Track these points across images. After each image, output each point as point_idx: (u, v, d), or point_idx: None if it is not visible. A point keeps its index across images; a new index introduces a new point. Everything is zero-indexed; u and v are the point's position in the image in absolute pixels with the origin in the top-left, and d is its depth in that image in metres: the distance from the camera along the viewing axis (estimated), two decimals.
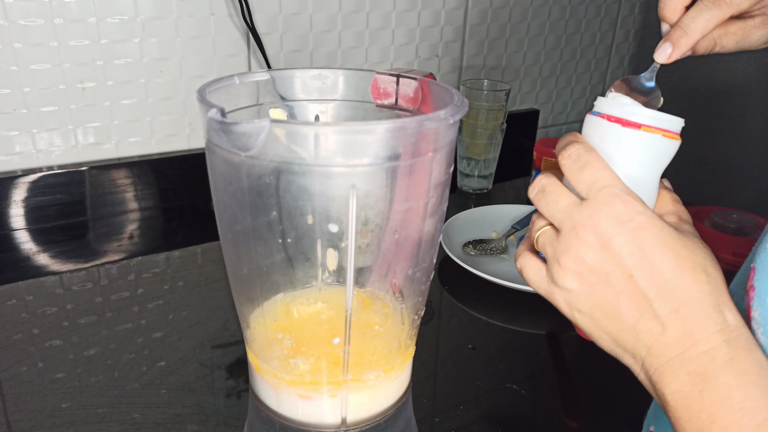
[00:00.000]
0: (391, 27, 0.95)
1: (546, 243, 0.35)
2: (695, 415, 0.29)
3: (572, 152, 0.34)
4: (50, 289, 0.64)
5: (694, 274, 0.31)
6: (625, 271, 0.31)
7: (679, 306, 0.30)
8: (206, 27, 0.81)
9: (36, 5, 0.71)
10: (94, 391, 0.50)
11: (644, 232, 0.31)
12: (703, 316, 0.30)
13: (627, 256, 0.31)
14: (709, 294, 0.30)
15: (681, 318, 0.30)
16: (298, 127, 0.32)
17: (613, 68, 1.28)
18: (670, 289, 0.31)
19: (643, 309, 0.31)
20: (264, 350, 0.38)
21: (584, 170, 0.33)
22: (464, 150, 0.94)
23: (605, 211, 0.32)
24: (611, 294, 0.32)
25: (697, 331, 0.30)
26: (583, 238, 0.32)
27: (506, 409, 0.51)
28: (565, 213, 0.33)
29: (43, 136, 0.76)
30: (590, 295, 0.33)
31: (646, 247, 0.31)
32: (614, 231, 0.31)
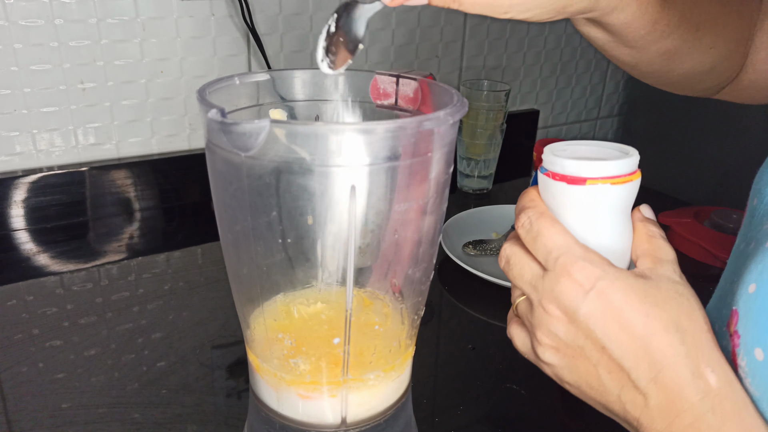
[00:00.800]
0: (390, 27, 0.96)
1: (524, 315, 0.34)
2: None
3: (524, 221, 0.33)
4: (51, 290, 0.64)
5: (667, 336, 0.29)
6: (596, 343, 0.30)
7: (656, 375, 0.29)
8: (206, 27, 0.81)
9: (36, 6, 0.71)
10: (95, 391, 0.50)
11: (607, 297, 0.30)
12: (682, 382, 0.28)
13: (594, 327, 0.30)
14: (686, 356, 0.29)
15: (661, 387, 0.29)
16: (298, 127, 0.32)
17: (613, 68, 1.28)
18: (644, 357, 0.29)
19: (622, 380, 0.30)
20: (264, 350, 0.38)
21: (537, 240, 0.32)
22: (464, 150, 0.94)
23: (564, 283, 0.31)
24: (590, 366, 0.31)
25: (678, 401, 0.28)
26: (551, 313, 0.31)
27: (506, 409, 0.51)
28: (531, 286, 0.33)
29: (43, 136, 0.76)
30: (572, 369, 0.32)
31: (612, 315, 0.30)
32: (577, 303, 0.30)
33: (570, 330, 0.31)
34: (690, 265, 0.76)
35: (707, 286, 0.76)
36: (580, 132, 1.30)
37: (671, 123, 1.13)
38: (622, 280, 0.30)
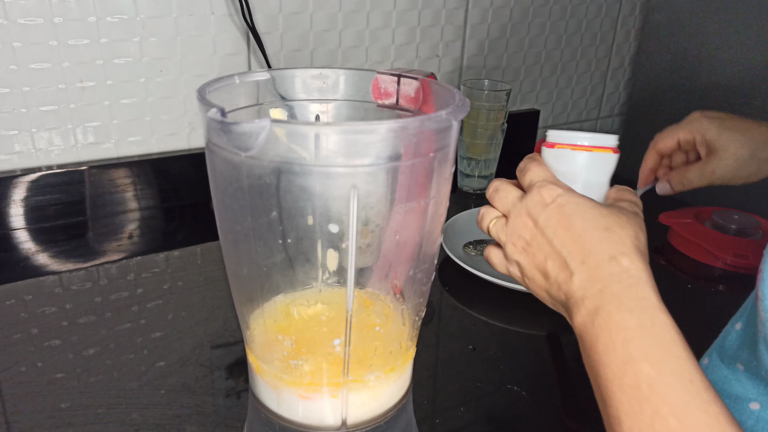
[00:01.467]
0: (391, 26, 0.95)
1: (499, 231, 0.44)
2: (588, 338, 0.36)
3: (521, 165, 0.45)
4: (49, 289, 0.64)
5: (596, 233, 0.38)
6: (547, 240, 0.40)
7: (584, 258, 0.38)
8: (206, 26, 0.81)
9: (35, 4, 0.70)
10: (94, 391, 0.50)
11: (562, 208, 0.40)
12: (600, 264, 0.37)
13: (547, 227, 0.40)
14: (607, 247, 0.38)
15: (585, 267, 0.38)
16: (299, 127, 0.32)
17: (614, 68, 1.27)
18: (578, 247, 0.39)
19: (561, 265, 0.39)
20: (264, 351, 0.38)
21: (525, 173, 0.44)
22: (465, 150, 0.93)
23: (533, 198, 0.41)
24: (542, 258, 0.41)
25: (594, 276, 0.37)
26: (523, 221, 0.42)
27: (507, 410, 0.51)
28: (511, 204, 0.43)
29: (42, 135, 0.76)
30: (531, 263, 0.42)
31: (562, 219, 0.40)
32: (539, 211, 0.41)
33: (534, 232, 0.41)
34: (690, 266, 0.76)
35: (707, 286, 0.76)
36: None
37: (672, 123, 1.13)
38: (576, 198, 0.40)
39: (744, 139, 0.58)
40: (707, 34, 1.10)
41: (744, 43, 1.04)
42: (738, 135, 0.58)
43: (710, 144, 0.60)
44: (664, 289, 0.38)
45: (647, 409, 0.32)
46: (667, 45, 1.18)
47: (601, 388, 0.35)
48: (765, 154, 0.57)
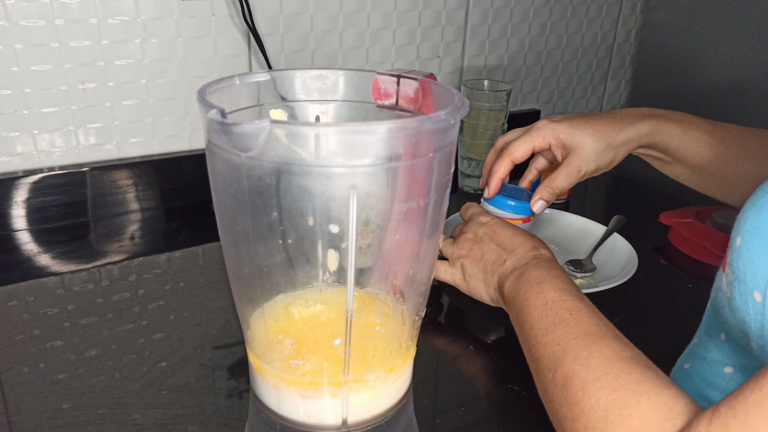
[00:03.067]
0: (392, 27, 0.95)
1: (446, 246, 0.62)
2: (514, 294, 0.50)
3: (463, 207, 0.66)
4: (51, 290, 0.64)
5: (522, 237, 0.56)
6: (484, 242, 0.58)
7: (513, 250, 0.55)
8: (207, 27, 0.81)
9: (37, 6, 0.71)
10: (96, 391, 0.50)
11: (495, 225, 0.59)
12: (525, 251, 0.54)
13: (486, 235, 0.58)
14: (530, 243, 0.55)
15: (514, 255, 0.54)
16: (299, 128, 0.32)
17: (615, 68, 1.27)
18: (510, 244, 0.56)
19: (496, 257, 0.56)
20: (265, 351, 0.38)
21: (467, 210, 0.65)
22: (465, 150, 0.93)
23: (475, 220, 0.61)
24: (480, 254, 0.58)
25: (521, 258, 0.53)
26: (466, 236, 0.60)
27: (507, 410, 0.51)
28: (458, 230, 0.63)
29: (44, 136, 0.76)
30: (472, 261, 0.58)
31: (496, 229, 0.58)
32: (479, 227, 0.60)
33: (474, 240, 0.59)
34: (692, 265, 0.76)
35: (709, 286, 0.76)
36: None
37: None
38: (502, 221, 0.60)
39: (595, 132, 0.61)
40: (707, 33, 1.10)
41: (744, 42, 1.04)
42: (589, 130, 0.62)
43: (566, 144, 0.62)
44: (665, 288, 0.38)
45: (552, 317, 0.44)
46: (668, 45, 1.18)
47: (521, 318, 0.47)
48: (616, 140, 0.61)
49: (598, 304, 0.46)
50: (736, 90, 1.06)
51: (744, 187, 0.61)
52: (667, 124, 0.62)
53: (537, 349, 0.44)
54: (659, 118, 0.62)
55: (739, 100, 1.06)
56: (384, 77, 0.42)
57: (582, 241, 0.77)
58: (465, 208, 0.64)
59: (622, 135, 0.62)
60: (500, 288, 0.53)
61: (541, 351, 0.43)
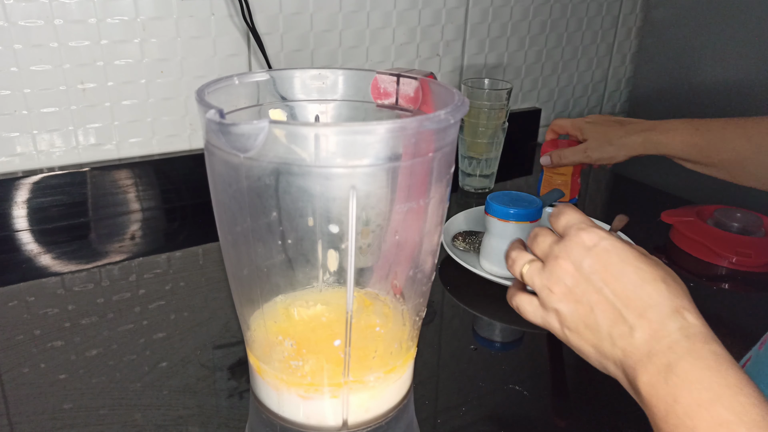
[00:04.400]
0: (391, 26, 0.95)
1: (533, 275, 0.42)
2: (662, 399, 0.34)
3: (554, 210, 0.43)
4: (52, 290, 0.64)
5: (654, 284, 0.37)
6: (595, 287, 0.38)
7: (643, 312, 0.36)
8: (207, 27, 0.81)
9: (36, 6, 0.71)
10: (96, 392, 0.50)
11: (607, 253, 0.38)
12: (664, 318, 0.36)
13: (594, 274, 0.38)
14: (668, 300, 0.36)
15: (646, 321, 0.36)
16: (298, 128, 0.32)
17: (615, 66, 1.27)
18: (635, 298, 0.37)
19: (614, 317, 0.37)
20: (264, 352, 0.38)
21: (560, 217, 0.42)
22: (466, 149, 0.93)
23: (575, 240, 0.40)
24: (588, 308, 0.38)
25: (659, 330, 0.36)
26: (562, 265, 0.40)
27: (508, 410, 0.51)
28: (549, 248, 0.41)
29: (43, 137, 0.76)
30: (573, 313, 0.39)
31: (609, 265, 0.38)
32: (583, 255, 0.39)
33: (575, 277, 0.39)
34: (693, 264, 0.75)
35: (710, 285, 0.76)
36: None
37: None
38: (619, 244, 0.39)
39: (603, 130, 0.80)
40: (708, 32, 1.10)
41: (744, 41, 1.04)
42: (600, 128, 0.81)
43: (583, 132, 0.83)
44: None
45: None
46: (668, 43, 1.18)
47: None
48: (616, 143, 0.78)
49: None
50: (737, 88, 1.06)
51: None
52: (654, 135, 0.75)
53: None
54: (649, 131, 0.76)
55: (740, 98, 1.06)
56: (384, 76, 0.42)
57: None
58: (558, 213, 0.43)
59: (621, 140, 0.78)
60: (628, 374, 0.37)
61: None
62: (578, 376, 0.56)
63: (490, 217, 0.66)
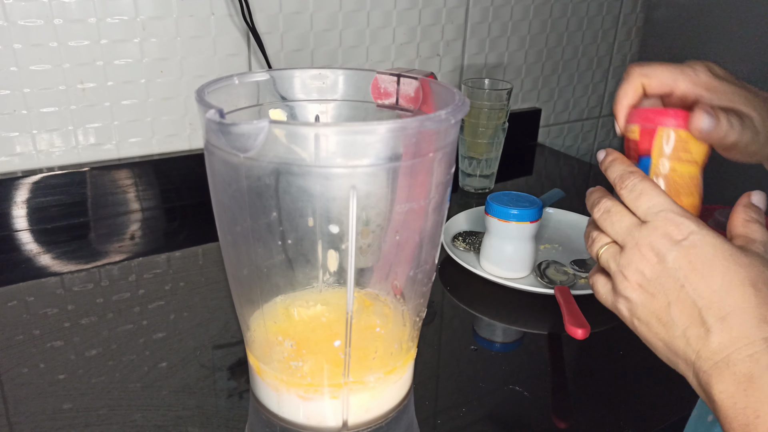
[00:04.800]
0: (392, 26, 0.95)
1: (609, 258, 0.39)
2: (741, 411, 0.32)
3: (629, 183, 0.39)
4: (51, 290, 0.64)
5: (742, 288, 0.34)
6: (677, 283, 0.35)
7: (725, 315, 0.34)
8: (206, 27, 0.81)
9: (36, 6, 0.70)
10: (96, 392, 0.50)
11: (696, 249, 0.35)
12: (747, 325, 0.33)
13: (679, 269, 0.35)
14: (756, 307, 0.33)
15: (727, 326, 0.33)
16: (298, 128, 0.32)
17: (615, 66, 1.27)
18: (718, 300, 0.34)
19: (692, 317, 0.35)
20: (264, 352, 0.38)
21: (641, 197, 0.38)
22: (466, 149, 0.93)
23: (661, 231, 0.36)
24: (665, 303, 0.36)
25: (741, 338, 0.33)
26: (644, 254, 0.37)
27: (508, 411, 0.51)
28: (627, 232, 0.38)
29: (43, 136, 0.76)
30: (647, 305, 0.37)
31: (697, 263, 0.35)
32: (668, 248, 0.36)
33: (656, 270, 0.36)
34: None
35: None
36: (582, 130, 1.30)
37: None
38: (712, 238, 0.35)
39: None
40: (708, 32, 1.10)
41: (745, 41, 1.04)
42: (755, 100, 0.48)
43: (733, 100, 0.46)
44: None
45: None
46: (668, 43, 1.18)
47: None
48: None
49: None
50: None
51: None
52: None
53: None
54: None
55: None
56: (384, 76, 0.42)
57: None
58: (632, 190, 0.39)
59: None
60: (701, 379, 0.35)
61: None
62: (578, 377, 0.56)
63: (491, 217, 0.66)
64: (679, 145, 0.39)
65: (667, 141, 0.40)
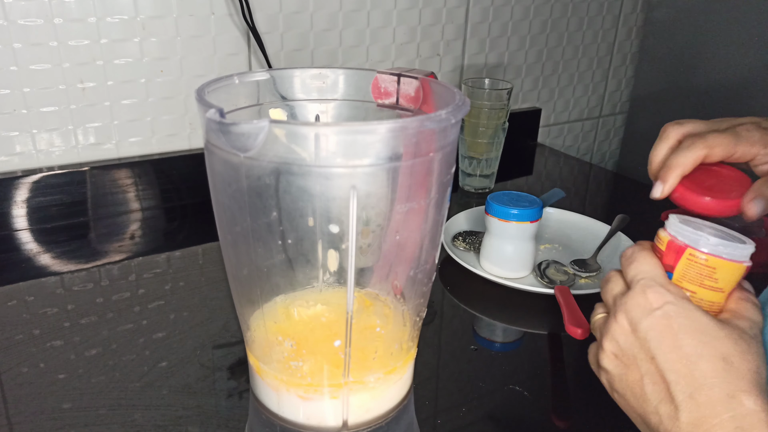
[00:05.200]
0: (392, 25, 0.95)
1: (596, 327, 0.39)
2: None
3: (628, 251, 0.39)
4: (51, 290, 0.64)
5: (713, 362, 0.33)
6: (647, 354, 0.35)
7: (693, 391, 0.33)
8: (206, 26, 0.81)
9: (35, 5, 0.70)
10: (95, 392, 0.50)
11: (669, 319, 0.34)
12: (716, 402, 0.32)
13: (650, 340, 0.34)
14: (725, 381, 0.32)
15: (695, 404, 0.32)
16: (298, 128, 0.32)
17: (616, 66, 1.27)
18: (687, 374, 0.33)
19: (663, 392, 0.34)
20: (264, 352, 0.38)
21: (631, 264, 0.38)
22: (466, 149, 0.93)
23: (637, 299, 0.36)
24: (638, 376, 0.35)
25: (709, 417, 0.32)
26: (619, 322, 0.36)
27: (508, 411, 0.51)
28: (613, 300, 0.38)
29: (43, 136, 0.76)
30: (622, 377, 0.36)
31: (668, 333, 0.34)
32: (641, 317, 0.35)
33: (629, 339, 0.35)
34: None
35: None
36: (582, 130, 1.30)
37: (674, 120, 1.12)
38: (689, 311, 0.34)
39: None
40: (708, 31, 1.10)
41: (745, 41, 1.04)
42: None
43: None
44: None
45: None
46: (669, 43, 1.18)
47: None
48: None
49: None
50: (737, 88, 1.06)
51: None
52: None
53: None
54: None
55: (740, 98, 1.05)
56: (384, 76, 0.42)
57: (586, 240, 0.77)
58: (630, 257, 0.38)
59: None
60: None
61: None
62: (578, 377, 0.56)
63: (491, 217, 0.66)
64: (705, 271, 0.36)
65: (694, 264, 0.36)
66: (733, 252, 0.36)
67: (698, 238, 0.36)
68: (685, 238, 0.36)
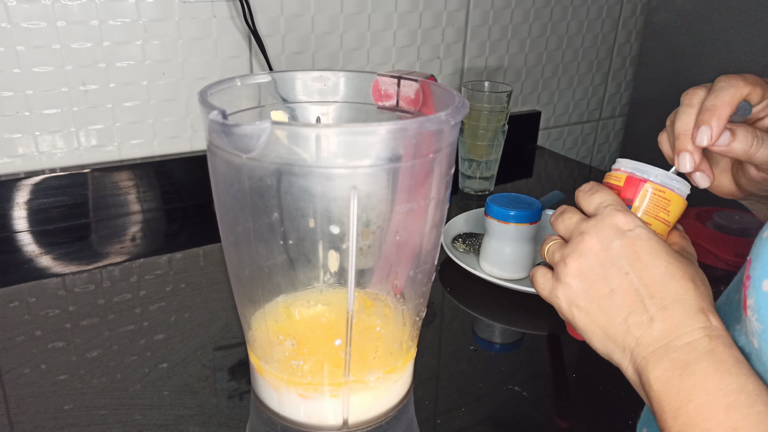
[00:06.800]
0: (392, 28, 0.96)
1: (554, 251, 0.40)
2: (674, 396, 0.33)
3: (585, 186, 0.41)
4: (53, 291, 0.64)
5: (683, 281, 0.36)
6: (621, 270, 0.37)
7: (666, 305, 0.35)
8: (208, 29, 0.81)
9: (38, 8, 0.71)
10: (97, 392, 0.50)
11: (641, 240, 0.37)
12: (687, 315, 0.35)
13: (623, 257, 0.37)
14: (695, 299, 0.35)
15: (668, 315, 0.35)
16: (300, 129, 0.32)
17: (615, 69, 1.28)
18: (660, 290, 0.36)
19: (634, 304, 0.36)
20: (265, 352, 0.38)
21: (594, 195, 0.40)
22: (466, 151, 0.94)
23: (608, 221, 0.38)
24: (607, 290, 0.37)
25: (681, 326, 0.34)
26: (587, 242, 0.38)
27: (508, 411, 0.51)
28: (575, 225, 0.40)
29: (45, 138, 0.76)
30: (588, 291, 0.38)
31: (641, 253, 0.36)
32: (614, 236, 0.37)
33: (600, 256, 0.37)
34: None
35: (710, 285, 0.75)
36: (582, 133, 1.30)
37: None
38: (655, 235, 0.37)
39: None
40: (708, 34, 1.10)
41: (744, 43, 1.04)
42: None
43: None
44: None
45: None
46: (668, 46, 1.18)
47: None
48: None
49: None
50: None
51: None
52: None
53: None
54: None
55: None
56: (384, 78, 0.43)
57: None
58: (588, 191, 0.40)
59: None
60: (638, 364, 0.36)
61: None
62: (578, 378, 0.56)
63: (490, 219, 0.67)
64: (661, 203, 0.40)
65: (653, 197, 0.40)
66: (682, 188, 0.40)
67: (656, 173, 0.40)
68: (643, 173, 0.40)
